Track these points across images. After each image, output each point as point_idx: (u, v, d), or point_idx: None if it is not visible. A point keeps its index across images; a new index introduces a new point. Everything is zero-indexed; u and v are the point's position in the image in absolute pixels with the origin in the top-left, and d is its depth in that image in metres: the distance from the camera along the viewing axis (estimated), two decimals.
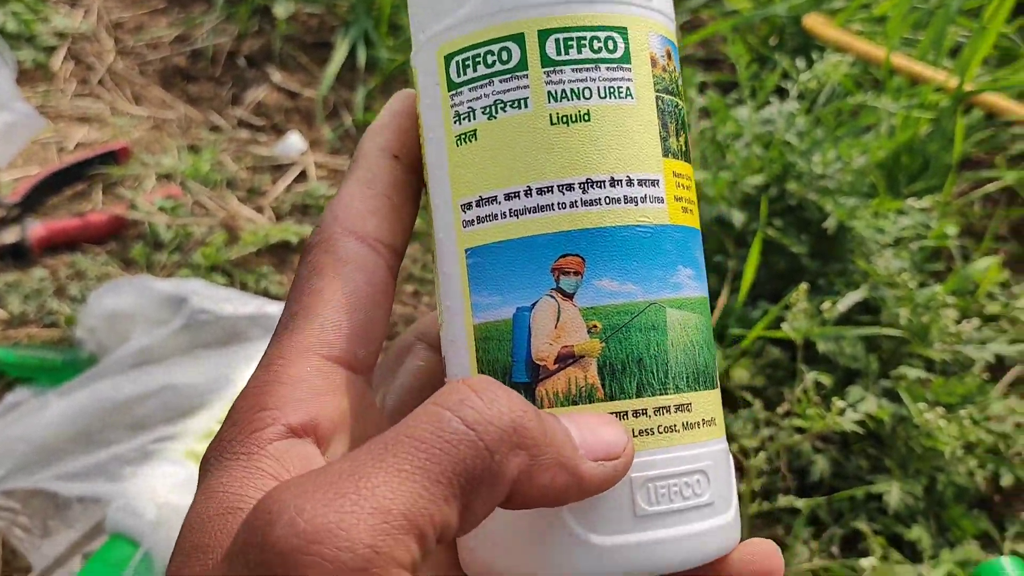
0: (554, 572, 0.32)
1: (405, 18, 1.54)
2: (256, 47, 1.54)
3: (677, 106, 0.35)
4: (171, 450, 0.86)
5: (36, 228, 1.16)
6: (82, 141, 1.35)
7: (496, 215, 0.33)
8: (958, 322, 1.00)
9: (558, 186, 0.33)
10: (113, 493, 0.83)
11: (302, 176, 1.33)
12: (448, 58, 0.34)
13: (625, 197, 0.33)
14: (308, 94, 1.46)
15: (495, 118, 0.34)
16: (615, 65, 0.33)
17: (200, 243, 1.18)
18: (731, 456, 0.35)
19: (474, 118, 0.34)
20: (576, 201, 0.33)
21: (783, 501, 0.87)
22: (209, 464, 0.30)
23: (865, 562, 0.80)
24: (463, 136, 0.34)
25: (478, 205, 0.34)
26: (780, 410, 0.92)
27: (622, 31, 0.34)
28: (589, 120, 0.33)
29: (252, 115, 1.43)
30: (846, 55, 1.27)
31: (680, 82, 0.35)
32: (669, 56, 0.35)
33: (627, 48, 0.34)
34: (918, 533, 0.88)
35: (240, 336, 0.95)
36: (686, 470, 0.33)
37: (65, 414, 0.91)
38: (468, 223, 0.34)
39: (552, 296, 0.33)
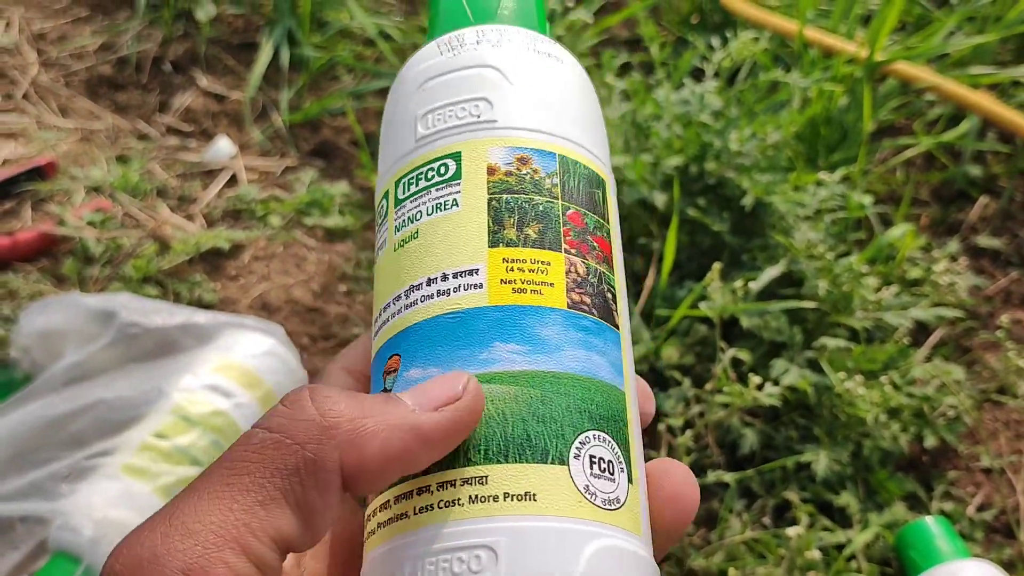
0: None
1: (329, 13, 1.54)
2: (181, 51, 1.53)
3: (528, 202, 0.36)
4: (108, 464, 0.87)
5: None
6: (9, 157, 1.34)
7: (375, 331, 0.37)
8: (878, 290, 1.02)
9: (392, 299, 0.36)
10: (52, 511, 0.84)
11: (233, 180, 1.33)
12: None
13: (438, 292, 0.35)
14: (236, 96, 1.46)
15: (378, 256, 0.39)
16: (444, 184, 0.37)
17: (131, 255, 1.18)
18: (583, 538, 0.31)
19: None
20: (401, 308, 0.36)
21: (712, 476, 0.90)
22: None
23: (791, 530, 0.83)
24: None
25: (376, 321, 0.38)
26: (708, 387, 0.95)
27: (456, 155, 0.38)
28: (417, 237, 0.37)
29: (180, 121, 1.42)
30: (763, 31, 1.29)
31: (548, 183, 0.37)
32: (524, 161, 0.37)
33: (459, 167, 0.37)
34: (846, 499, 0.90)
35: (171, 347, 0.95)
36: (463, 544, 0.30)
37: (0, 435, 0.91)
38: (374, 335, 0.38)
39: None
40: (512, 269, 0.35)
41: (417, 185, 0.38)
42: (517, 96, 0.39)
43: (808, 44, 1.25)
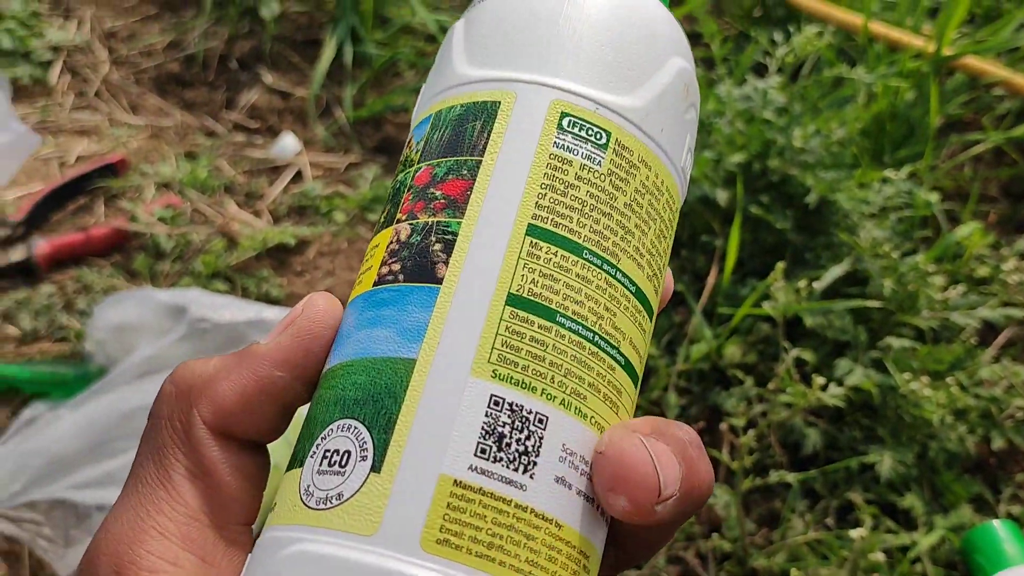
0: None
1: (391, 10, 1.56)
2: (247, 49, 1.56)
3: (392, 185, 0.34)
4: None
5: (41, 245, 1.18)
6: (82, 154, 1.38)
7: None
8: (944, 289, 1.01)
9: None
10: None
11: (298, 176, 1.35)
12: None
13: None
14: (300, 93, 1.48)
15: None
16: None
17: (200, 251, 1.20)
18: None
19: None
20: None
21: (774, 476, 0.90)
22: None
23: (855, 532, 0.82)
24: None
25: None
26: (771, 386, 0.94)
27: None
28: None
29: (246, 118, 1.45)
30: (827, 26, 1.28)
31: (410, 154, 0.34)
32: (408, 143, 0.35)
33: None
34: (911, 501, 0.90)
35: (240, 341, 0.97)
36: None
37: (77, 426, 0.94)
38: None
39: None
40: (361, 263, 0.34)
41: None
42: (434, 70, 0.36)
43: (873, 38, 1.24)
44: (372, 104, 1.43)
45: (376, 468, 0.27)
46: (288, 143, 1.38)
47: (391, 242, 0.31)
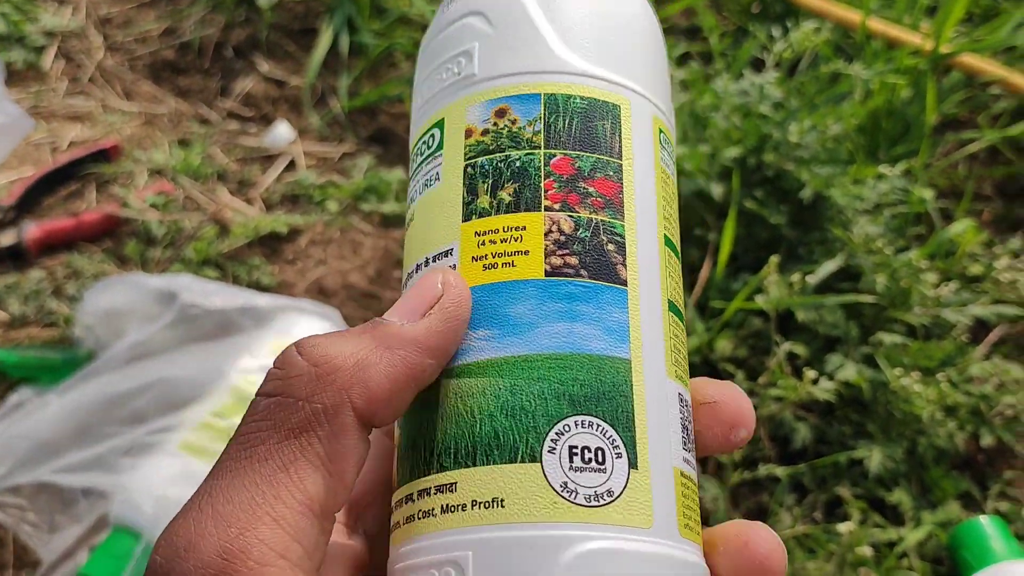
0: None
1: (389, 0, 1.55)
2: (243, 37, 1.55)
3: (504, 160, 0.33)
4: (167, 441, 0.89)
5: (32, 229, 1.18)
6: (75, 140, 1.37)
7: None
8: (937, 286, 1.01)
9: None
10: (112, 485, 0.86)
11: (291, 165, 1.34)
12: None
13: None
14: (295, 82, 1.47)
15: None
16: (431, 157, 0.35)
17: (192, 237, 1.20)
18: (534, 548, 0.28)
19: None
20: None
21: (763, 470, 0.89)
22: None
23: (843, 526, 0.82)
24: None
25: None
26: (762, 380, 0.94)
27: (439, 124, 0.35)
28: (414, 219, 0.35)
29: (241, 106, 1.44)
30: (824, 21, 1.28)
31: (529, 130, 0.34)
32: (501, 114, 0.34)
33: (441, 136, 0.34)
34: (899, 496, 0.90)
35: (230, 328, 0.97)
36: (434, 560, 0.28)
37: (64, 411, 0.93)
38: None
39: None
40: (484, 243, 0.32)
41: (416, 162, 0.36)
42: (498, 39, 0.35)
43: (871, 35, 1.23)
44: (368, 94, 1.43)
45: (634, 465, 0.29)
46: (282, 132, 1.37)
47: (550, 231, 0.31)
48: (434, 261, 0.33)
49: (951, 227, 1.05)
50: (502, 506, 0.28)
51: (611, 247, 0.32)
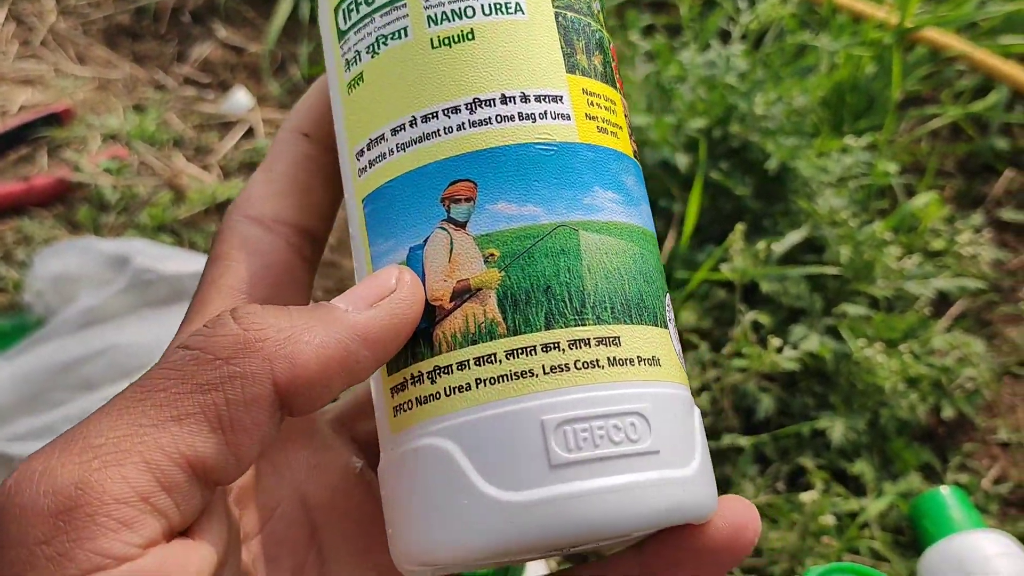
0: (463, 540, 0.28)
1: None
2: (200, 2, 1.52)
3: (588, 26, 0.32)
4: None
5: None
6: (25, 104, 1.33)
7: (385, 154, 0.31)
8: (900, 259, 1.01)
9: (443, 110, 0.30)
10: None
11: (250, 133, 1.32)
12: (336, 8, 0.33)
13: (520, 114, 0.30)
14: (254, 49, 1.45)
15: (378, 54, 0.32)
16: None
17: (146, 203, 1.17)
18: (696, 409, 0.31)
19: (359, 61, 0.32)
20: (464, 123, 0.30)
21: (727, 440, 0.89)
22: None
23: (806, 496, 0.82)
24: (352, 82, 0.32)
25: (368, 148, 0.32)
26: (726, 351, 0.94)
27: None
28: (473, 39, 0.31)
29: (198, 72, 1.41)
30: None
31: (595, 6, 0.33)
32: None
33: None
34: (861, 467, 0.89)
35: (185, 294, 0.95)
36: (615, 411, 0.28)
37: (13, 377, 0.91)
38: (362, 170, 0.32)
39: (444, 228, 0.30)
40: (592, 104, 0.31)
41: None
42: None
43: (836, 8, 1.23)
44: None
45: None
46: (240, 98, 1.34)
47: (626, 114, 0.34)
48: (539, 101, 0.30)
49: (914, 200, 1.05)
50: (659, 365, 0.30)
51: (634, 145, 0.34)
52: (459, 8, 0.31)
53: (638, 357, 0.29)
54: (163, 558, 0.25)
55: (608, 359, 0.29)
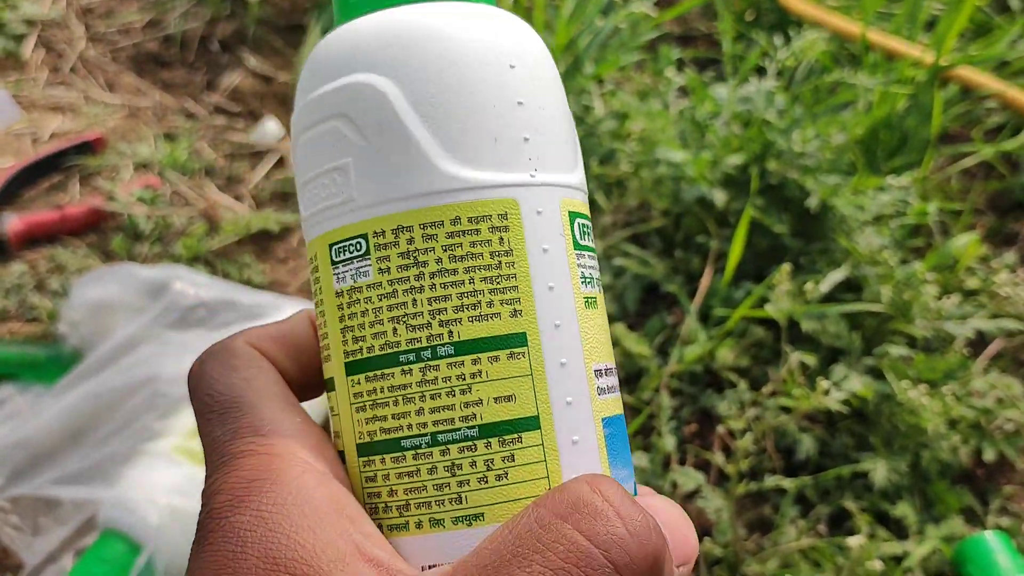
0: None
1: None
2: (229, 31, 1.52)
3: None
4: (162, 447, 0.86)
5: (13, 222, 1.14)
6: (56, 131, 1.33)
7: (614, 388, 0.34)
8: (939, 298, 1.01)
9: (603, 368, 0.34)
10: (108, 495, 0.83)
11: (280, 163, 1.32)
12: (573, 219, 0.34)
13: (609, 387, 0.34)
14: (283, 78, 1.45)
15: (600, 291, 0.35)
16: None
17: (180, 233, 1.17)
18: None
19: (595, 285, 0.34)
20: (605, 387, 0.34)
21: (770, 481, 0.88)
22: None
23: (852, 540, 0.81)
24: (590, 301, 0.33)
25: (607, 374, 0.33)
26: (765, 390, 0.93)
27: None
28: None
29: (228, 101, 1.42)
30: (822, 31, 1.28)
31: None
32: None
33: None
34: (904, 510, 0.89)
35: (223, 321, 0.94)
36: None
37: (59, 415, 0.90)
38: (600, 391, 0.33)
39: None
40: None
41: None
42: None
43: (870, 46, 1.23)
44: None
45: None
46: (270, 128, 1.35)
47: None
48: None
49: (954, 240, 1.05)
50: None
51: None
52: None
53: None
54: None
55: None
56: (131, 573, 0.77)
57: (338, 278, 0.32)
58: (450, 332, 0.31)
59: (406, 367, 0.31)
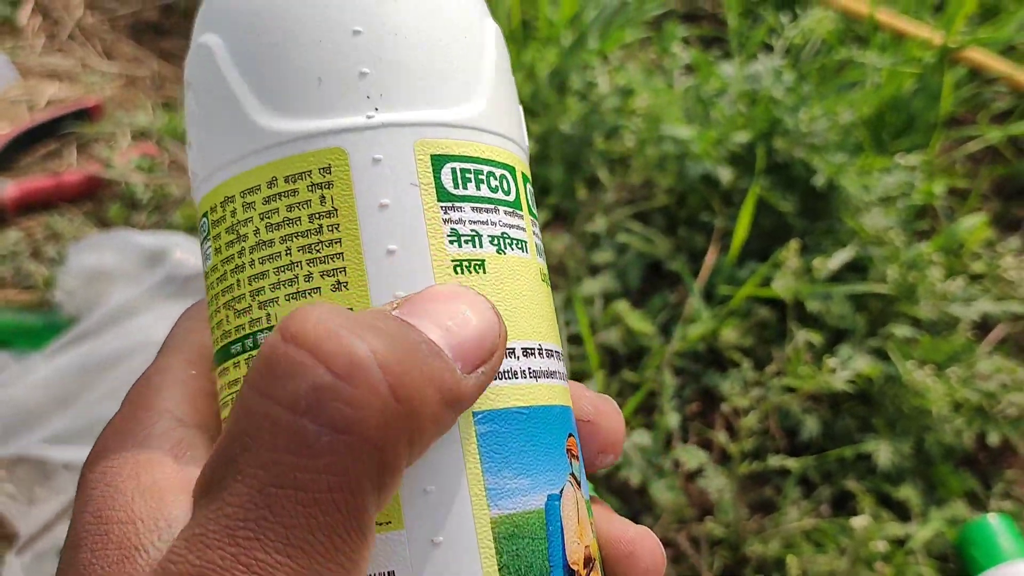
0: None
1: None
2: None
3: None
4: None
5: (9, 188, 1.13)
6: (52, 98, 1.32)
7: (516, 373, 0.27)
8: (944, 280, 1.00)
9: (557, 353, 0.29)
10: None
11: None
12: (438, 160, 0.28)
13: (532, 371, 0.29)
14: None
15: (504, 253, 0.28)
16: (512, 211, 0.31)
17: (179, 202, 1.15)
18: None
19: (489, 245, 0.28)
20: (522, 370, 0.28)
21: (774, 461, 0.88)
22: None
23: (856, 521, 0.81)
24: (466, 264, 0.27)
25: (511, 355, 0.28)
26: (769, 370, 0.92)
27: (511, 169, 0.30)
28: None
29: None
30: (829, 9, 1.26)
31: None
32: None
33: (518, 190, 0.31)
34: (907, 492, 0.88)
35: None
36: None
37: (49, 377, 0.89)
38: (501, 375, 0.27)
39: (571, 482, 0.28)
40: None
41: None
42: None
43: (878, 26, 1.22)
44: None
45: None
46: None
47: None
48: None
49: (962, 221, 1.04)
50: None
51: None
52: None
53: None
54: None
55: None
56: None
57: (202, 262, 0.29)
58: (268, 315, 0.26)
59: (236, 359, 0.27)
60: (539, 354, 0.28)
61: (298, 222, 0.26)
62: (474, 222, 0.27)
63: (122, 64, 1.39)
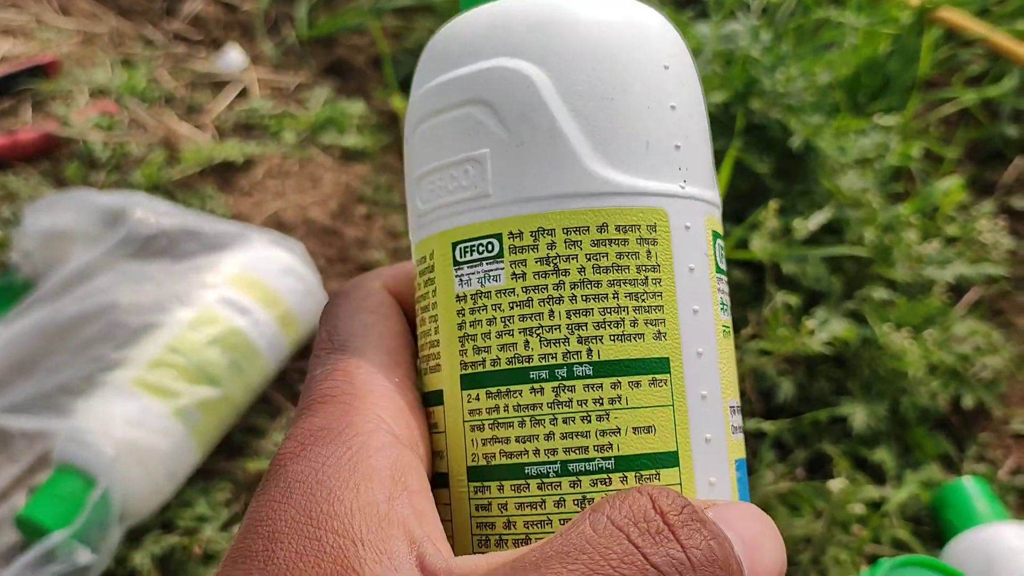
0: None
1: None
2: None
3: None
4: (119, 378, 0.82)
5: None
6: (7, 55, 1.27)
7: (740, 428, 0.31)
8: (920, 243, 0.99)
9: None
10: (62, 427, 0.79)
11: (243, 93, 1.27)
12: (714, 236, 0.32)
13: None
14: (248, 7, 1.39)
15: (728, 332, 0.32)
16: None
17: (139, 162, 1.12)
18: None
19: (729, 315, 0.32)
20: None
21: (749, 424, 0.87)
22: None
23: (833, 483, 0.80)
24: (725, 330, 0.31)
25: (737, 412, 0.31)
26: (745, 332, 0.91)
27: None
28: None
29: (189, 28, 1.36)
30: None
31: None
32: None
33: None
34: (882, 455, 0.88)
35: (186, 253, 0.90)
36: None
37: (8, 343, 0.86)
38: (735, 429, 0.30)
39: None
40: None
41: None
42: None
43: None
44: (325, 24, 1.35)
45: None
46: (234, 57, 1.29)
47: None
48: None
49: (938, 183, 1.03)
50: None
51: None
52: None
53: None
54: None
55: None
56: (85, 508, 0.73)
57: (461, 281, 0.29)
58: (589, 351, 0.28)
59: (536, 385, 0.28)
60: (740, 411, 0.32)
61: (627, 270, 0.29)
62: (725, 293, 0.31)
63: (79, 20, 1.35)
